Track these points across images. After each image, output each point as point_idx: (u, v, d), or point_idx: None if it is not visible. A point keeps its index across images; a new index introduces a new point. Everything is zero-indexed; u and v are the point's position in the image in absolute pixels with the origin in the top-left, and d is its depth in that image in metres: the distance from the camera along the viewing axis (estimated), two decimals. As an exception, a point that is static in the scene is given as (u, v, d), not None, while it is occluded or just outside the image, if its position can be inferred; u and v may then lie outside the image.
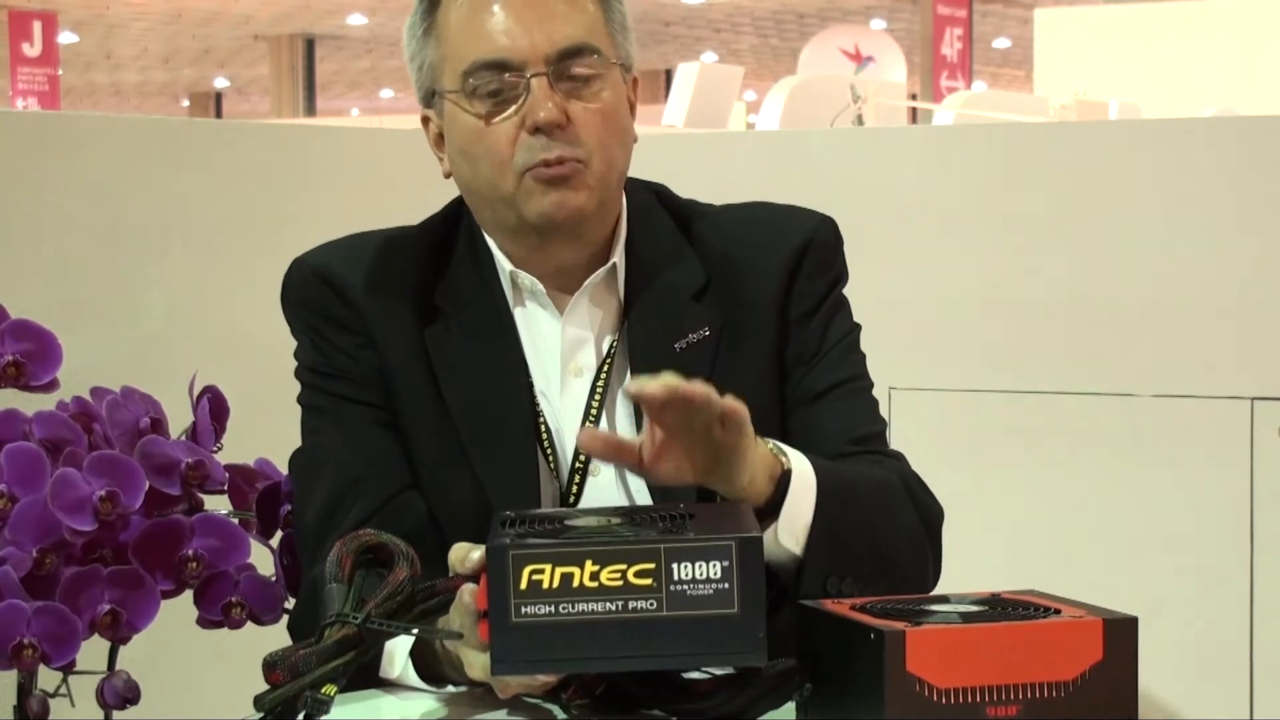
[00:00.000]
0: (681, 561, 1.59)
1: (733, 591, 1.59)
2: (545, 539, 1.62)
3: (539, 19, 2.06)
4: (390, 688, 1.93)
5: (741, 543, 1.60)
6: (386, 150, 3.74)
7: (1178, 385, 3.43)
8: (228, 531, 2.18)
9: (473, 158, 2.08)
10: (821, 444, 2.09)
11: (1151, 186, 3.50)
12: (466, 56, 2.07)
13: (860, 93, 10.28)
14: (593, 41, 2.08)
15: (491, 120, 2.06)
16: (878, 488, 2.01)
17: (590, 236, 2.11)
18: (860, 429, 2.14)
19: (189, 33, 29.39)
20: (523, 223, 2.08)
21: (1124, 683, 1.59)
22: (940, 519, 2.10)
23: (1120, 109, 12.75)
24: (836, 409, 2.14)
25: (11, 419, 2.18)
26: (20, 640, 2.06)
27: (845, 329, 2.19)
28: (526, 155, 2.05)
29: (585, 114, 2.06)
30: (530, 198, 2.06)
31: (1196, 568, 3.40)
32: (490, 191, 2.09)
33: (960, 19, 21.90)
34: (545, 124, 2.03)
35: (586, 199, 2.07)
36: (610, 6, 2.13)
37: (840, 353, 2.17)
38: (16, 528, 2.08)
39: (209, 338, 3.31)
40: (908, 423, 3.45)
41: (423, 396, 2.10)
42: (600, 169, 2.07)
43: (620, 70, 2.12)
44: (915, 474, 2.12)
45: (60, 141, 3.23)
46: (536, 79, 2.04)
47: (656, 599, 1.59)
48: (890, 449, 2.17)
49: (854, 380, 2.17)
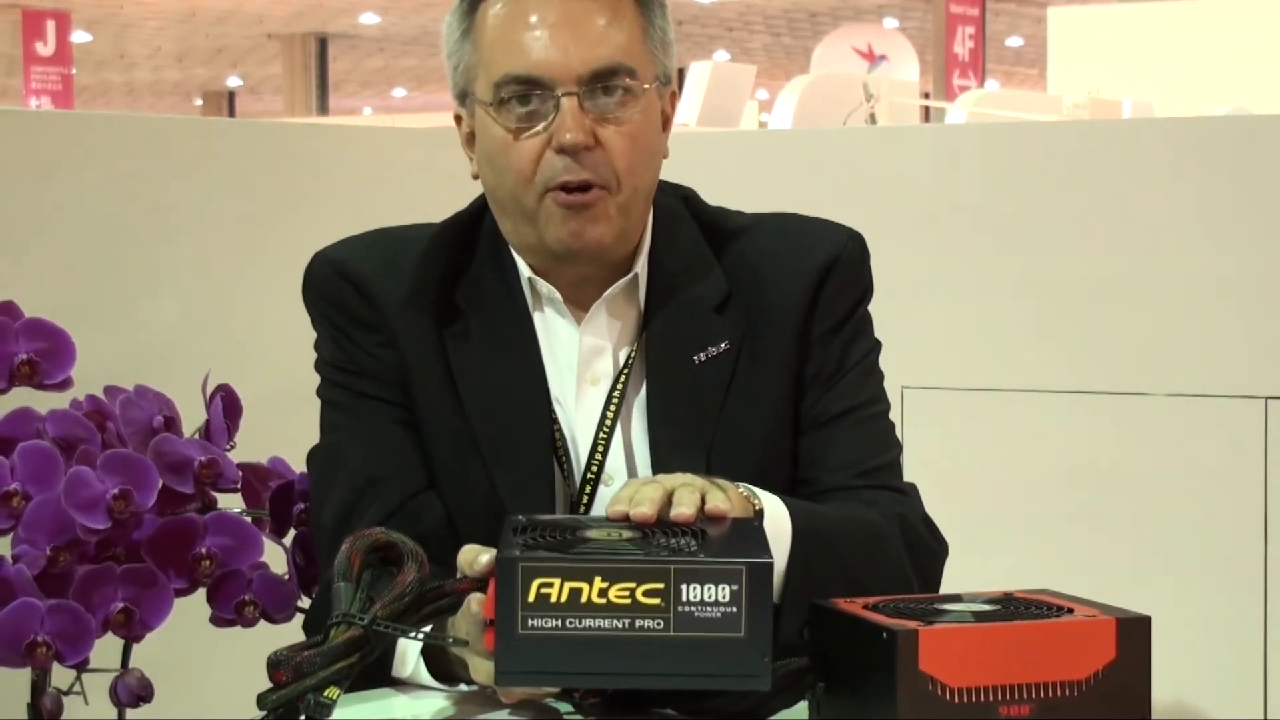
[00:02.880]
0: (691, 583, 1.59)
1: (740, 616, 1.59)
2: (556, 552, 1.62)
3: (574, 36, 2.03)
4: (401, 686, 1.93)
5: (752, 568, 1.60)
6: (399, 149, 3.75)
7: (1192, 384, 3.42)
8: (241, 530, 2.18)
9: (498, 169, 2.07)
10: (828, 474, 2.09)
11: (1164, 185, 3.50)
12: (500, 67, 2.05)
13: (873, 91, 10.28)
14: (628, 62, 2.05)
15: (519, 136, 2.04)
16: (861, 528, 1.98)
17: (611, 258, 2.11)
18: (869, 461, 2.11)
19: (202, 32, 29.39)
20: (542, 243, 2.07)
21: (1137, 682, 1.59)
22: (940, 557, 2.09)
23: (1134, 108, 12.74)
24: (848, 438, 2.12)
25: (25, 417, 2.18)
26: (34, 638, 2.07)
27: (865, 349, 2.17)
28: (549, 174, 2.03)
29: (615, 137, 2.04)
30: (550, 222, 2.05)
31: (1210, 567, 3.40)
32: (513, 205, 2.08)
33: (973, 17, 21.85)
34: (571, 146, 2.01)
35: (605, 230, 2.06)
36: (651, 22, 2.10)
37: (858, 375, 2.15)
38: (30, 526, 2.09)
39: (222, 336, 3.32)
40: (920, 422, 3.45)
41: (440, 396, 2.10)
42: (625, 196, 2.05)
43: (657, 87, 2.10)
44: (922, 511, 2.10)
45: (74, 141, 3.23)
46: (567, 98, 2.02)
47: (664, 619, 1.59)
48: (900, 482, 2.14)
49: (869, 405, 2.15)
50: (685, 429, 2.08)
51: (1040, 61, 22.53)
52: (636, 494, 1.76)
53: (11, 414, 2.18)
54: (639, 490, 1.76)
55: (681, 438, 2.07)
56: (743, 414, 2.09)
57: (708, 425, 2.08)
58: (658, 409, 2.09)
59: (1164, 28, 16.26)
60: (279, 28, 29.51)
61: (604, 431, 2.09)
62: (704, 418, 2.08)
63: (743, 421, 2.09)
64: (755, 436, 2.08)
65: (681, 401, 2.09)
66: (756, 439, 2.08)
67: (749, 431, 2.08)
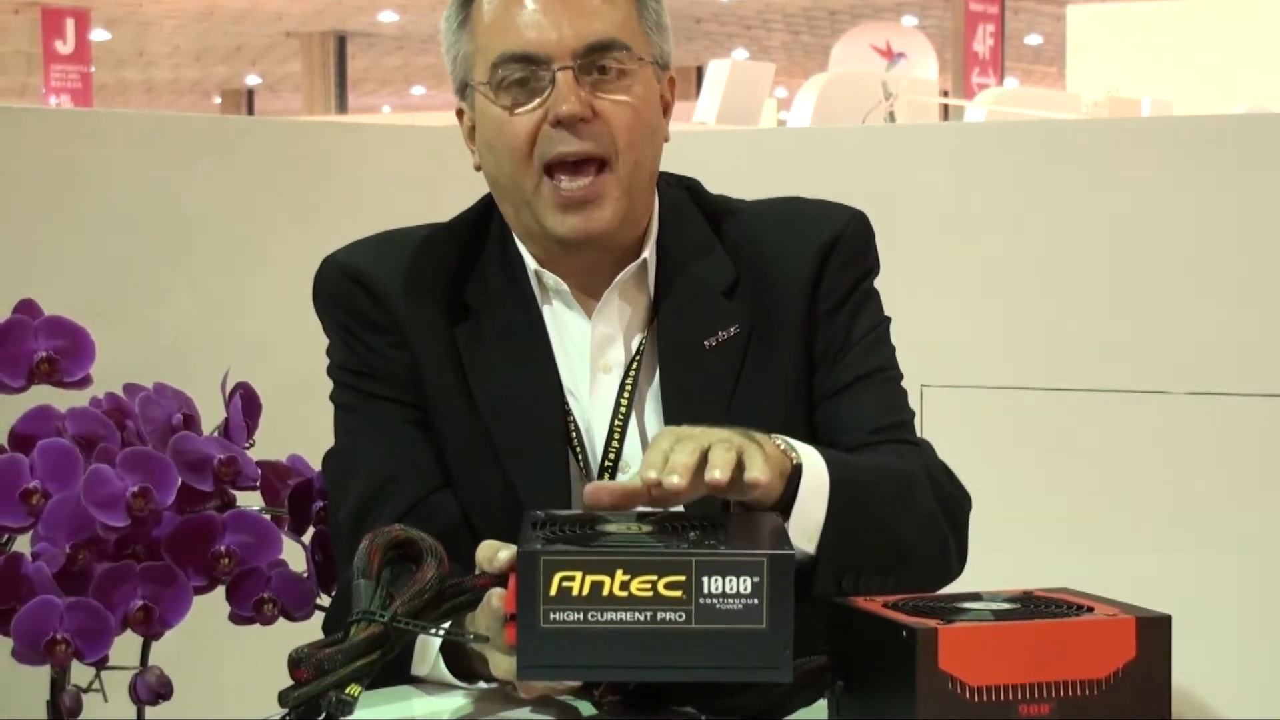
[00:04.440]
0: (712, 575, 1.59)
1: (762, 607, 1.59)
2: (576, 545, 1.62)
3: (568, 13, 2.05)
4: (421, 684, 1.93)
5: (773, 559, 1.60)
6: (418, 147, 3.75)
7: (1212, 383, 3.41)
8: (260, 527, 2.19)
9: (496, 151, 2.08)
10: (845, 434, 2.10)
11: (1183, 183, 3.49)
12: (495, 49, 2.07)
13: (892, 89, 10.29)
14: (622, 37, 2.07)
15: (515, 111, 2.05)
16: (894, 478, 1.99)
17: (617, 243, 2.11)
18: (884, 418, 2.13)
19: (221, 30, 29.44)
20: (544, 229, 2.08)
21: (1157, 682, 1.59)
22: (965, 507, 2.09)
23: (1153, 106, 12.73)
24: (861, 399, 2.13)
25: (44, 415, 2.18)
26: (53, 636, 2.07)
27: (873, 322, 2.18)
28: (546, 147, 2.04)
29: (613, 108, 2.05)
30: (550, 210, 2.06)
31: (1231, 566, 3.39)
32: (513, 189, 2.08)
33: (992, 15, 21.84)
34: (567, 117, 2.03)
35: (611, 215, 2.06)
36: (644, 3, 2.11)
37: (867, 346, 2.16)
38: (50, 524, 2.09)
39: (241, 334, 3.32)
40: (940, 420, 3.44)
41: (453, 395, 2.10)
42: (626, 169, 2.06)
43: (653, 68, 2.11)
44: (940, 462, 2.11)
45: (93, 139, 3.24)
46: (562, 72, 2.04)
47: (685, 611, 1.59)
48: (914, 437, 2.16)
49: (880, 371, 2.17)
50: (699, 414, 2.07)
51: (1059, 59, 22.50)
52: (671, 458, 1.73)
53: (31, 412, 2.19)
54: (672, 456, 1.74)
55: (695, 423, 2.07)
56: (755, 396, 2.10)
57: (721, 409, 2.08)
58: (671, 395, 2.10)
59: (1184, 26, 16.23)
60: (298, 26, 29.55)
61: (619, 420, 2.10)
62: (717, 402, 2.09)
63: (756, 404, 2.10)
64: (769, 418, 2.08)
65: (694, 386, 2.10)
66: (770, 421, 2.08)
67: (762, 414, 2.08)
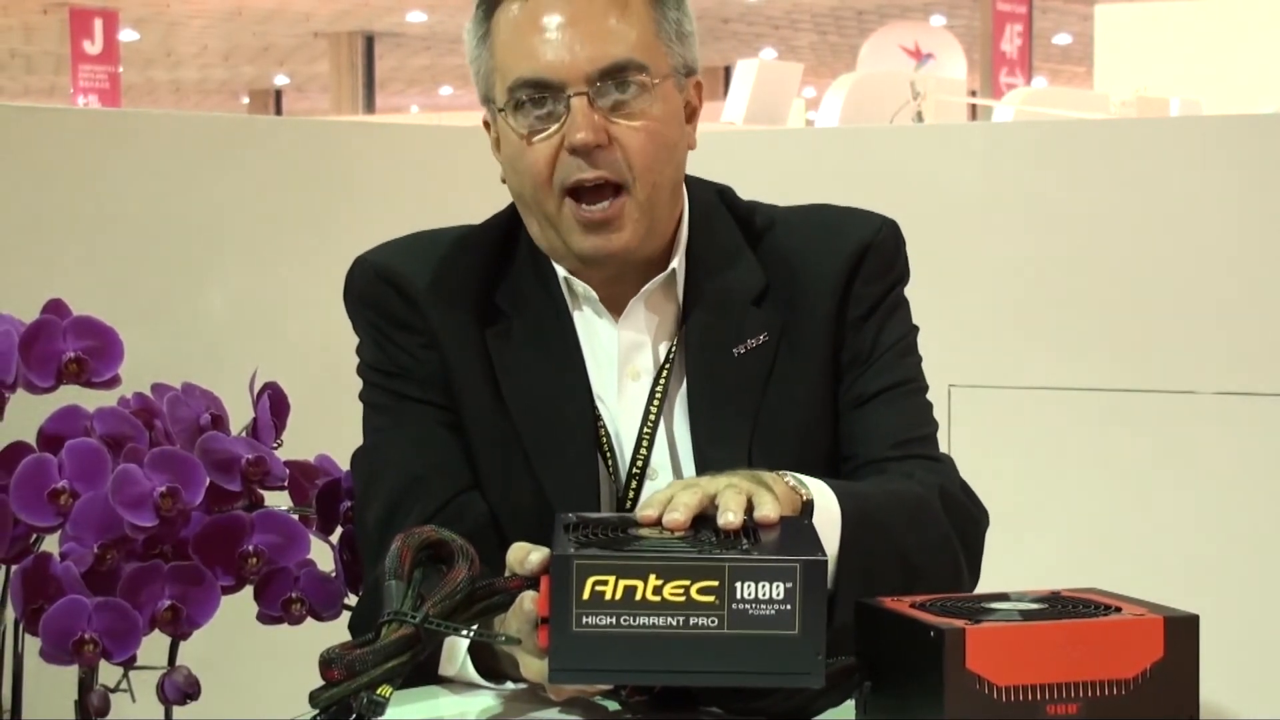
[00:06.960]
0: (745, 581, 1.59)
1: (795, 613, 1.59)
2: (610, 549, 1.62)
3: (582, 36, 2.03)
4: (449, 684, 1.93)
5: (807, 565, 1.60)
6: (446, 148, 3.75)
7: (1239, 383, 3.41)
8: (288, 527, 2.19)
9: (518, 173, 2.08)
10: (866, 448, 2.10)
11: (1211, 183, 3.48)
12: (511, 72, 2.06)
13: (920, 89, 10.27)
14: (638, 57, 2.05)
15: (533, 139, 2.05)
16: (906, 504, 1.99)
17: (641, 258, 2.11)
18: (905, 432, 2.12)
19: (248, 30, 29.49)
20: (567, 249, 2.08)
21: (1185, 681, 1.59)
22: (981, 525, 2.09)
23: (1181, 106, 12.68)
24: (883, 413, 2.12)
25: (73, 415, 2.19)
26: (81, 635, 2.08)
27: (900, 332, 2.17)
28: (564, 174, 2.04)
29: (629, 134, 2.04)
30: (571, 231, 2.05)
31: (1259, 566, 3.38)
32: (536, 209, 2.08)
33: (1020, 15, 21.80)
34: (582, 145, 2.02)
35: (630, 236, 2.06)
36: (664, 15, 2.09)
37: (893, 356, 2.15)
38: (78, 524, 2.10)
39: (269, 334, 3.33)
40: (967, 420, 3.44)
41: (483, 397, 2.10)
42: (643, 194, 2.05)
43: (674, 79, 2.10)
44: (959, 479, 2.10)
45: (121, 139, 3.25)
46: (577, 99, 2.02)
47: (718, 616, 1.59)
48: (936, 452, 2.15)
49: (906, 383, 2.16)
50: (726, 421, 2.08)
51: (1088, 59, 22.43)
52: (673, 499, 1.75)
53: (59, 412, 2.20)
54: (676, 495, 1.75)
55: (723, 430, 2.08)
56: (783, 404, 2.10)
57: (749, 417, 2.08)
58: (699, 402, 2.10)
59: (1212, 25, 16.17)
60: (325, 26, 29.58)
61: (648, 426, 2.10)
62: (745, 410, 2.09)
63: (783, 412, 2.10)
64: (796, 427, 2.09)
65: (722, 394, 2.10)
66: (797, 429, 2.09)
67: (790, 422, 2.09)
